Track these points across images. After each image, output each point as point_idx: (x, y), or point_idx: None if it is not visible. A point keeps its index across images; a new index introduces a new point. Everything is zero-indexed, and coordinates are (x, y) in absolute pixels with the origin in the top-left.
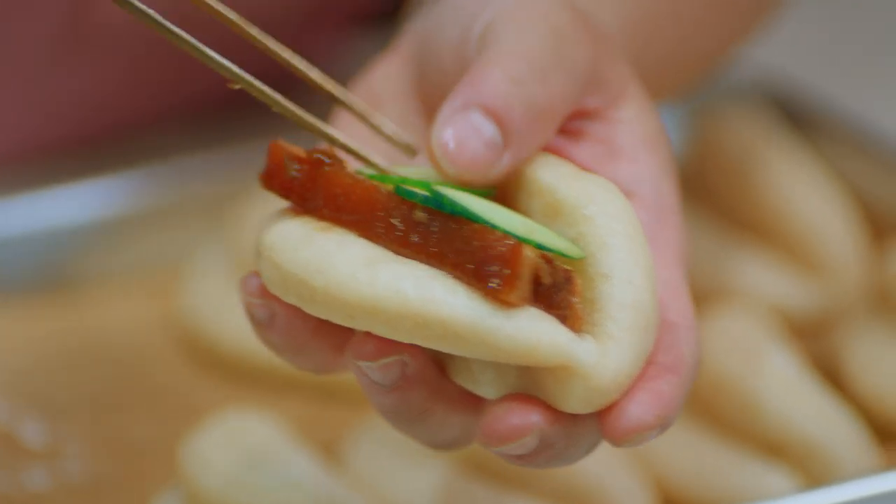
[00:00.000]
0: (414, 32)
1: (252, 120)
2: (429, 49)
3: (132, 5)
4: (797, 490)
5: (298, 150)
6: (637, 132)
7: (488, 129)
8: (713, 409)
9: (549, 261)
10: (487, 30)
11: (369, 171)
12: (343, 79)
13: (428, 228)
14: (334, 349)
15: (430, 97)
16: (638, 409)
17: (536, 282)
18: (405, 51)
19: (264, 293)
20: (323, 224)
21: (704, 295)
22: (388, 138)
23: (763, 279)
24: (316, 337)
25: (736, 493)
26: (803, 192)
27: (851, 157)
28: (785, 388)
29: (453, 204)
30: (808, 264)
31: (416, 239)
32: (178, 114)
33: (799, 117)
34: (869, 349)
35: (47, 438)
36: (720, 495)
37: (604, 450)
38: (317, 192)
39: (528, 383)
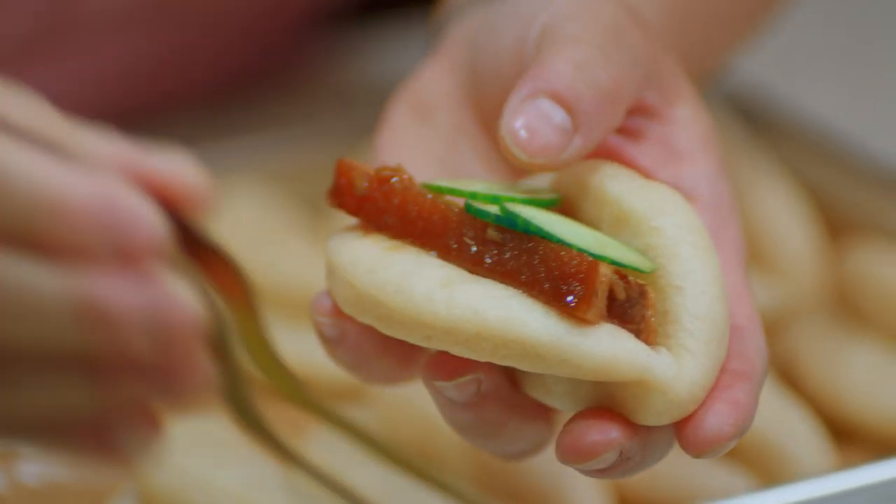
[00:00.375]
0: (461, 37)
1: (234, 115)
2: (482, 54)
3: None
4: (753, 489)
5: (367, 167)
6: (694, 132)
7: (558, 115)
8: None
9: (622, 276)
10: (545, 29)
11: (436, 183)
12: (313, 75)
13: (501, 247)
14: (401, 363)
15: (485, 102)
16: (716, 420)
17: (611, 297)
18: (453, 56)
19: (336, 312)
20: (394, 243)
21: None
22: None
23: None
24: (384, 353)
25: (692, 492)
26: (760, 193)
27: (809, 157)
28: None
29: (527, 223)
30: (765, 264)
31: (490, 257)
32: (163, 106)
33: (757, 118)
34: (826, 349)
35: None
36: (677, 495)
37: None
38: (387, 209)
39: (603, 396)
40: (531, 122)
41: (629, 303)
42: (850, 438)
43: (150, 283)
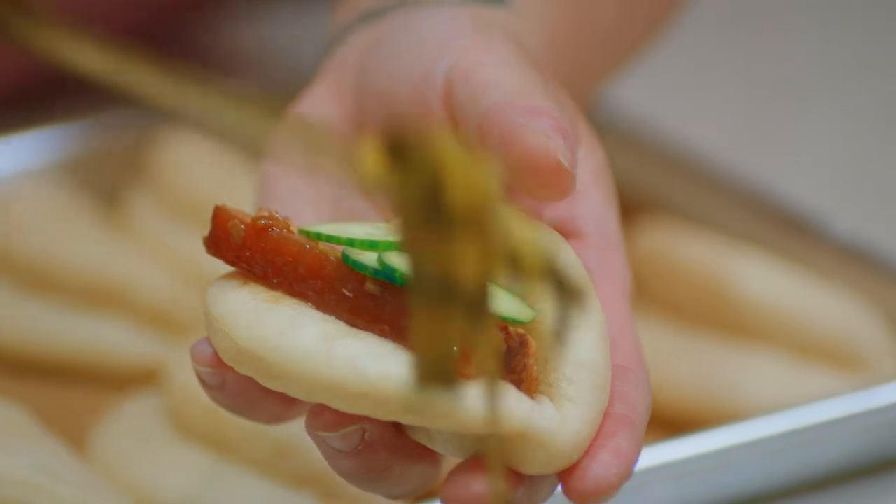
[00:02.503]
0: (350, 64)
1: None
2: (374, 83)
3: None
4: None
5: (243, 215)
6: (584, 168)
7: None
8: None
9: (503, 327)
10: (455, 70)
11: (314, 230)
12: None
13: (380, 300)
14: (285, 404)
15: (368, 129)
16: (600, 471)
17: None
18: (340, 82)
19: (217, 362)
20: (273, 294)
21: None
22: None
23: None
24: (267, 396)
25: None
26: None
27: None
28: None
29: (405, 277)
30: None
31: (369, 312)
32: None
33: None
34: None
35: None
36: None
37: None
38: (264, 260)
39: (481, 444)
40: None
41: (510, 353)
42: (671, 427)
43: None
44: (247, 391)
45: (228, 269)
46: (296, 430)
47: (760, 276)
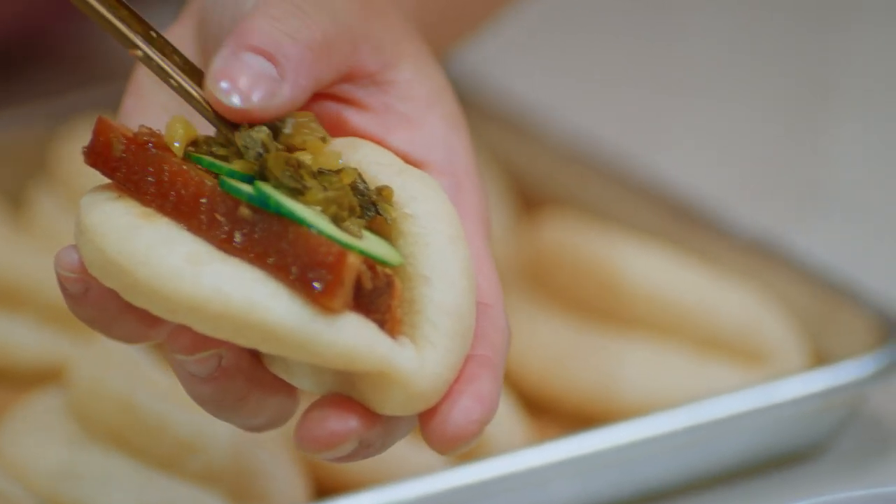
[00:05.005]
0: (197, 3)
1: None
2: (209, 17)
3: None
4: (448, 465)
5: (126, 129)
6: (418, 93)
7: (259, 63)
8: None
9: (371, 266)
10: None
11: (197, 155)
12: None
13: (252, 227)
14: (145, 323)
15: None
16: (461, 417)
17: (358, 287)
18: (189, 20)
19: (82, 269)
20: (147, 210)
21: None
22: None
23: None
24: (128, 312)
25: (387, 468)
26: None
27: (501, 131)
28: None
29: (278, 204)
30: None
31: (240, 237)
32: None
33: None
34: (520, 323)
35: None
36: (370, 471)
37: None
38: (142, 175)
39: (345, 382)
40: (233, 73)
41: (376, 293)
42: (543, 412)
43: None
44: (108, 305)
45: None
46: (202, 427)
47: (662, 271)
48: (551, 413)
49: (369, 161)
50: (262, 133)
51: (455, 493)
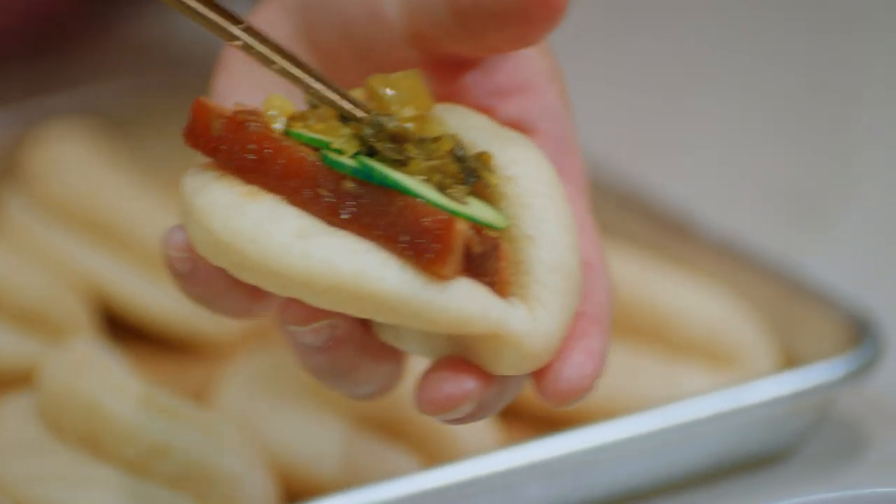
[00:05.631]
0: None
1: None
2: None
3: None
4: (418, 468)
5: (223, 109)
6: (540, 66)
7: None
8: (332, 392)
9: (478, 230)
10: None
11: (294, 130)
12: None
13: (357, 199)
14: (252, 297)
15: (322, 43)
16: (574, 373)
17: (466, 252)
18: (278, 3)
19: (190, 248)
20: (250, 188)
21: None
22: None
23: None
24: (235, 287)
25: (356, 473)
26: None
27: None
28: None
29: (383, 176)
30: None
31: (347, 210)
32: None
33: None
34: None
35: None
36: (340, 476)
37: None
38: (243, 154)
39: (457, 345)
40: None
41: (483, 256)
42: (514, 416)
43: None
44: (215, 282)
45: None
46: (171, 431)
47: (632, 274)
48: (522, 416)
49: (466, 126)
50: (389, 121)
51: (425, 497)
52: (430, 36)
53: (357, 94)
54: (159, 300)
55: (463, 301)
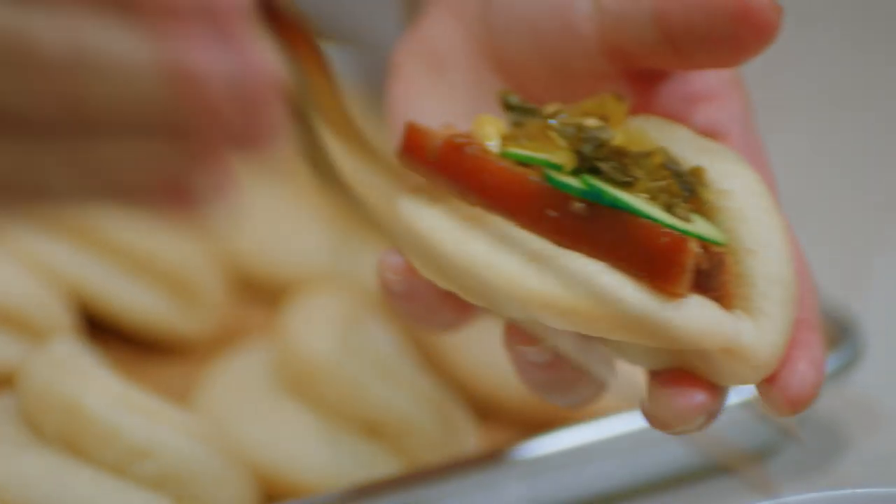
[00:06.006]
0: None
1: None
2: (507, 8)
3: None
4: (397, 468)
5: (437, 132)
6: (724, 72)
7: None
8: (312, 391)
9: (704, 247)
10: None
11: (511, 150)
12: None
13: (586, 220)
14: (462, 312)
15: (506, 54)
16: (800, 382)
17: (695, 269)
18: (460, 7)
19: (408, 271)
20: (473, 210)
21: (295, 280)
22: None
23: (353, 260)
24: (446, 303)
25: (338, 473)
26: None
27: None
28: (378, 368)
29: (615, 199)
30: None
31: (576, 231)
32: None
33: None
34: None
35: None
36: (319, 476)
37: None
38: (462, 177)
39: (680, 358)
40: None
41: (710, 272)
42: (493, 417)
43: (235, 43)
44: (429, 300)
45: None
46: (153, 432)
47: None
48: (501, 418)
49: (669, 138)
50: (605, 133)
51: (408, 497)
52: (630, 51)
53: (551, 109)
54: (140, 301)
55: (697, 318)
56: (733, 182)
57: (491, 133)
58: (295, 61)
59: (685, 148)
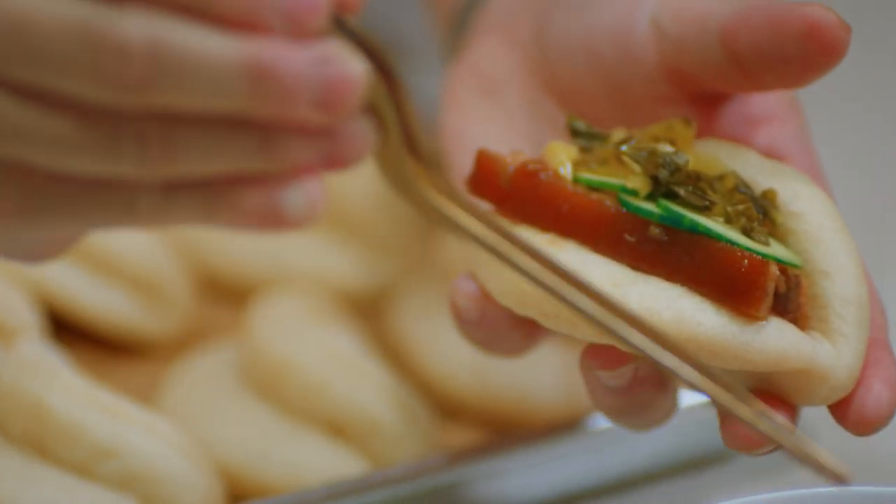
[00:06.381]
0: (522, 15)
1: None
2: (564, 35)
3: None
4: (362, 469)
5: (510, 159)
6: (781, 95)
7: None
8: (277, 390)
9: (782, 270)
10: (663, 11)
11: (584, 176)
12: None
13: (665, 245)
14: (529, 337)
15: (560, 79)
16: (876, 402)
17: (774, 292)
18: (513, 33)
19: (480, 298)
20: (547, 237)
21: (260, 280)
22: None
23: (317, 259)
24: (515, 329)
25: (301, 473)
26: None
27: None
28: (343, 368)
29: (693, 223)
30: (359, 241)
31: (655, 256)
32: None
33: None
34: (427, 326)
35: None
36: (285, 476)
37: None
38: (537, 204)
39: (756, 379)
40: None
41: (787, 295)
42: (458, 416)
43: (317, 46)
44: (500, 327)
45: None
46: (118, 433)
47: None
48: (466, 417)
49: (736, 161)
50: (680, 158)
51: (370, 497)
52: (693, 73)
53: (619, 134)
54: (106, 302)
55: (777, 340)
56: (804, 204)
57: (563, 159)
58: (371, 74)
59: (753, 170)
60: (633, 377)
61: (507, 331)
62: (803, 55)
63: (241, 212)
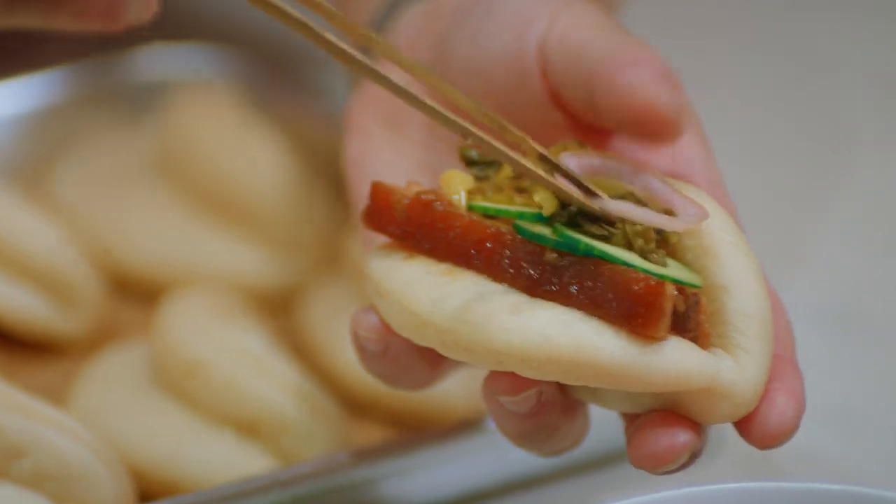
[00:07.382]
0: (424, 39)
1: None
2: (461, 57)
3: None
4: (271, 468)
5: (405, 190)
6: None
7: None
8: (187, 389)
9: (680, 290)
10: (548, 37)
11: (479, 204)
12: None
13: (561, 270)
14: (434, 370)
15: (460, 106)
16: (780, 415)
17: (672, 312)
18: (415, 56)
19: (382, 331)
20: (444, 266)
21: (170, 278)
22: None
23: (227, 258)
24: (419, 361)
25: (210, 472)
26: (262, 173)
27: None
28: (252, 366)
29: (589, 247)
30: (268, 239)
31: (552, 282)
32: None
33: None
34: (337, 324)
35: None
36: (194, 475)
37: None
38: (433, 234)
39: (661, 400)
40: None
41: (686, 313)
42: (364, 413)
43: None
44: (402, 359)
45: None
46: (29, 431)
47: None
48: (374, 415)
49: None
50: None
51: (278, 494)
52: (574, 109)
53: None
54: (15, 300)
55: (678, 360)
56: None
57: (458, 188)
58: None
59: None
60: (537, 402)
61: (410, 362)
62: (642, 130)
63: (83, 9)
